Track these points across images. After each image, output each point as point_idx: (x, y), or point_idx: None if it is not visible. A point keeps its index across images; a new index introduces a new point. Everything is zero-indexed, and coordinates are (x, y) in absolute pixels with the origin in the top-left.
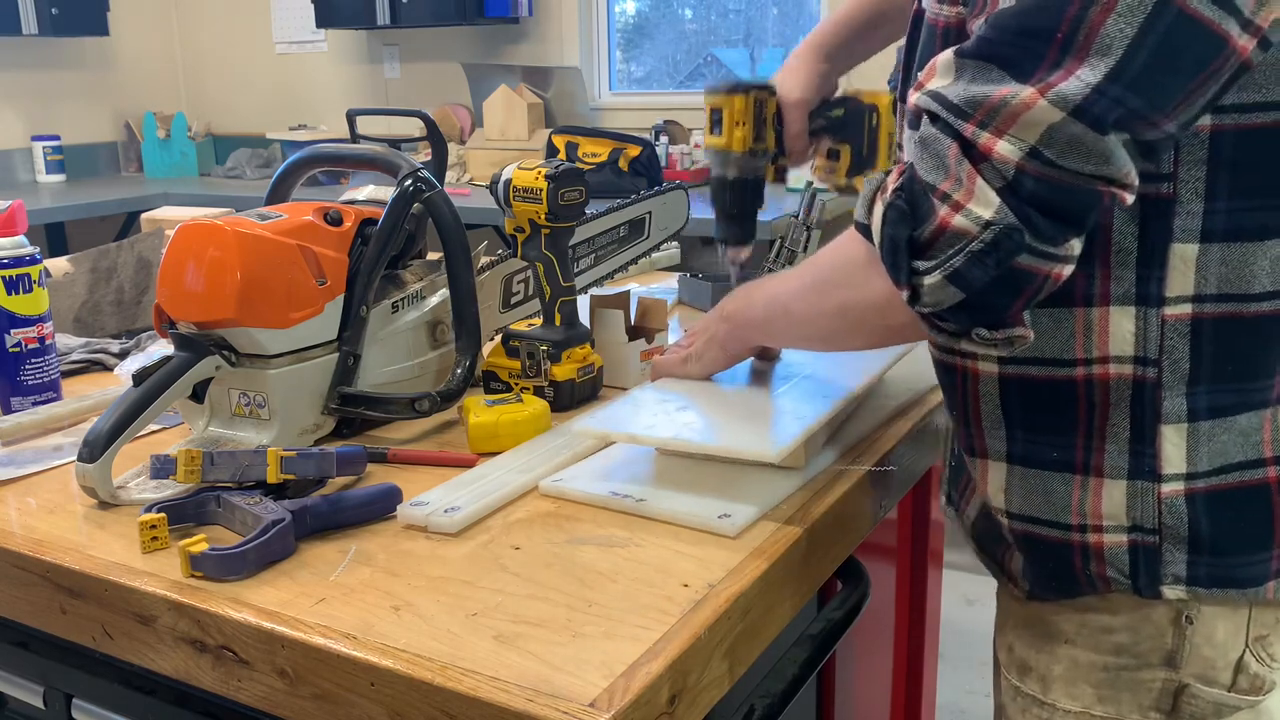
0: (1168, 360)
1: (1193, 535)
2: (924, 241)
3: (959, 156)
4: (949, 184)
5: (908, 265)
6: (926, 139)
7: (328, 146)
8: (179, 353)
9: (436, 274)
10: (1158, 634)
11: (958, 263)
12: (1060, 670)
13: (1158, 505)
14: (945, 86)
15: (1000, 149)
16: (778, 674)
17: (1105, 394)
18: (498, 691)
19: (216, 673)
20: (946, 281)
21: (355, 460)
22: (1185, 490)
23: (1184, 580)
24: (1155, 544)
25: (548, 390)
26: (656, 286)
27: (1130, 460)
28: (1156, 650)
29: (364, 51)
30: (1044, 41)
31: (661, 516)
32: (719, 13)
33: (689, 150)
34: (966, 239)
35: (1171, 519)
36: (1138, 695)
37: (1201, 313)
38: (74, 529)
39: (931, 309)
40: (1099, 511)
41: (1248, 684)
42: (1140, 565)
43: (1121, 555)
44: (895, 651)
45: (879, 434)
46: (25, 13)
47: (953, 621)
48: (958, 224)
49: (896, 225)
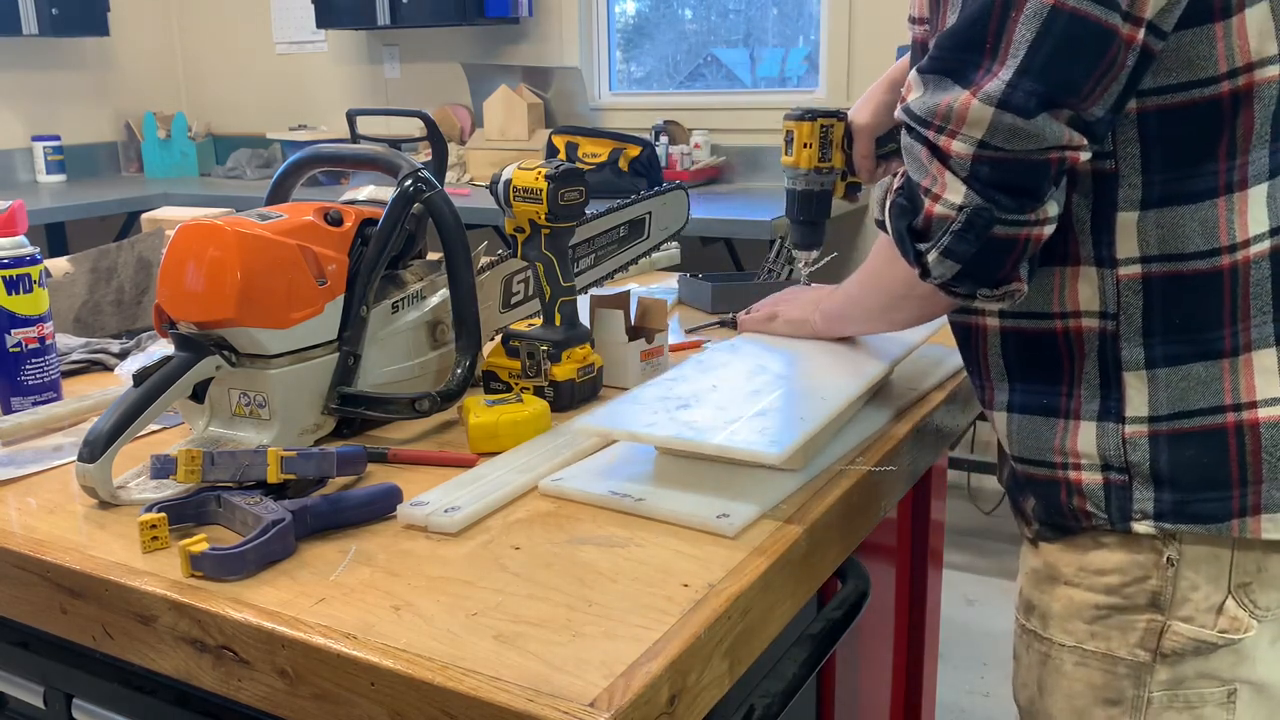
0: (1124, 315)
1: (1154, 472)
2: (919, 228)
3: (929, 157)
4: (928, 180)
5: (913, 249)
6: (908, 146)
7: (328, 146)
8: (179, 353)
9: (436, 274)
10: (1143, 578)
11: (946, 241)
12: (1059, 608)
13: (1123, 444)
14: (913, 100)
15: (956, 147)
16: (778, 674)
17: (1081, 345)
18: (498, 691)
19: (216, 673)
20: (942, 257)
21: (355, 460)
22: (1149, 431)
23: (1151, 515)
24: (1125, 481)
25: (548, 390)
26: (656, 286)
27: (1100, 404)
28: (1143, 593)
29: (364, 51)
30: (977, 52)
31: (661, 516)
32: (719, 13)
33: (689, 150)
34: (948, 222)
35: (1136, 456)
36: (1126, 633)
37: (1149, 272)
38: (74, 529)
39: (940, 280)
40: (1076, 450)
41: (1228, 624)
42: (1112, 500)
43: (1097, 491)
44: (895, 651)
45: (879, 434)
46: (25, 13)
47: (953, 621)
48: (939, 211)
49: (899, 218)
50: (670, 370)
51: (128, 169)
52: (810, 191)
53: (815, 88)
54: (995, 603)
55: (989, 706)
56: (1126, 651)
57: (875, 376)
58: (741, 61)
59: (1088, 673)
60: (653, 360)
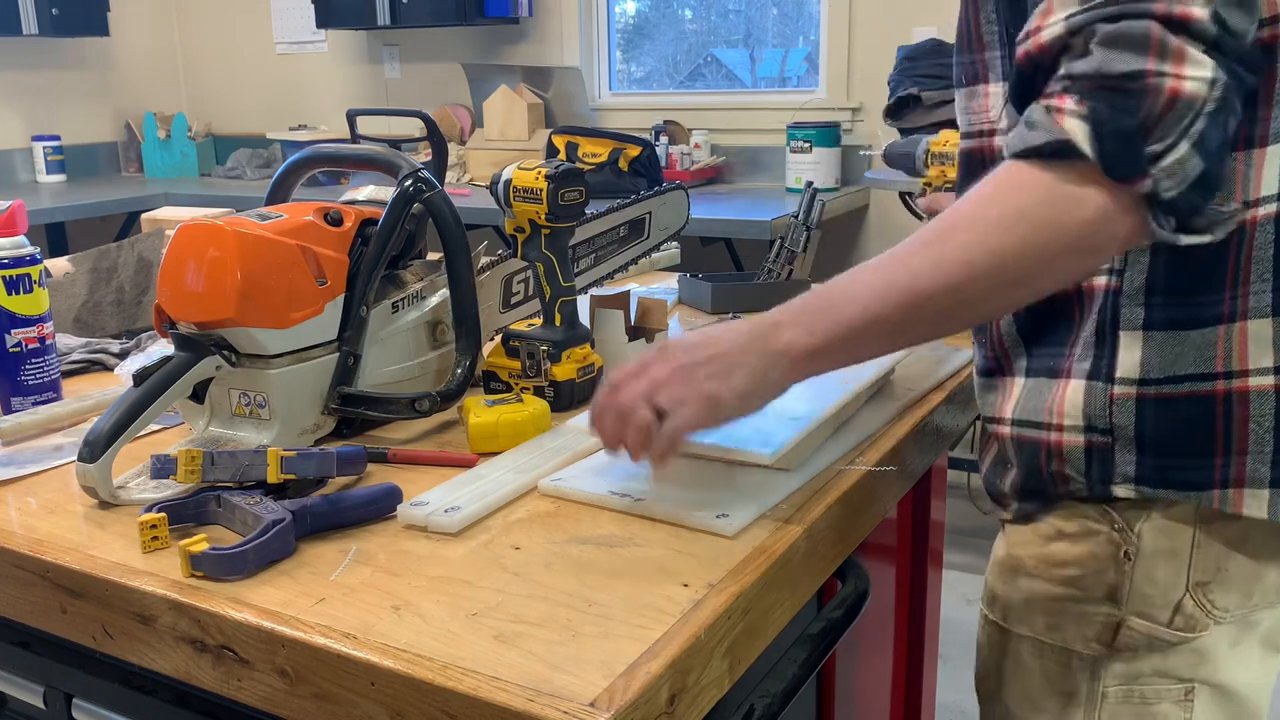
0: (1129, 270)
1: (1139, 435)
2: (1154, 122)
3: (1162, 33)
4: (1154, 62)
5: (1143, 153)
6: (1115, 36)
7: (328, 147)
8: (179, 353)
9: (436, 274)
10: (1101, 570)
11: (1200, 126)
12: (1019, 599)
13: (1109, 405)
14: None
15: (1195, 12)
16: (778, 674)
17: (1091, 302)
18: (498, 691)
19: (216, 672)
20: (1192, 150)
21: (355, 460)
22: (1136, 394)
23: (1132, 479)
24: (1108, 444)
25: (548, 390)
26: (656, 286)
27: (1091, 363)
28: (1101, 585)
29: (364, 51)
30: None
31: (661, 516)
32: (719, 13)
33: (689, 150)
34: (1199, 102)
35: (1121, 419)
36: (1082, 626)
37: None
38: (74, 529)
39: (1174, 190)
40: (1062, 410)
41: (1183, 623)
42: (1093, 464)
43: (1078, 454)
44: (895, 651)
45: (879, 434)
46: (25, 13)
47: (953, 621)
48: (1189, 90)
49: (1116, 119)
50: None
51: (128, 169)
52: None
53: (815, 88)
54: None
55: None
56: (1082, 644)
57: (874, 377)
58: (741, 61)
59: (1044, 664)
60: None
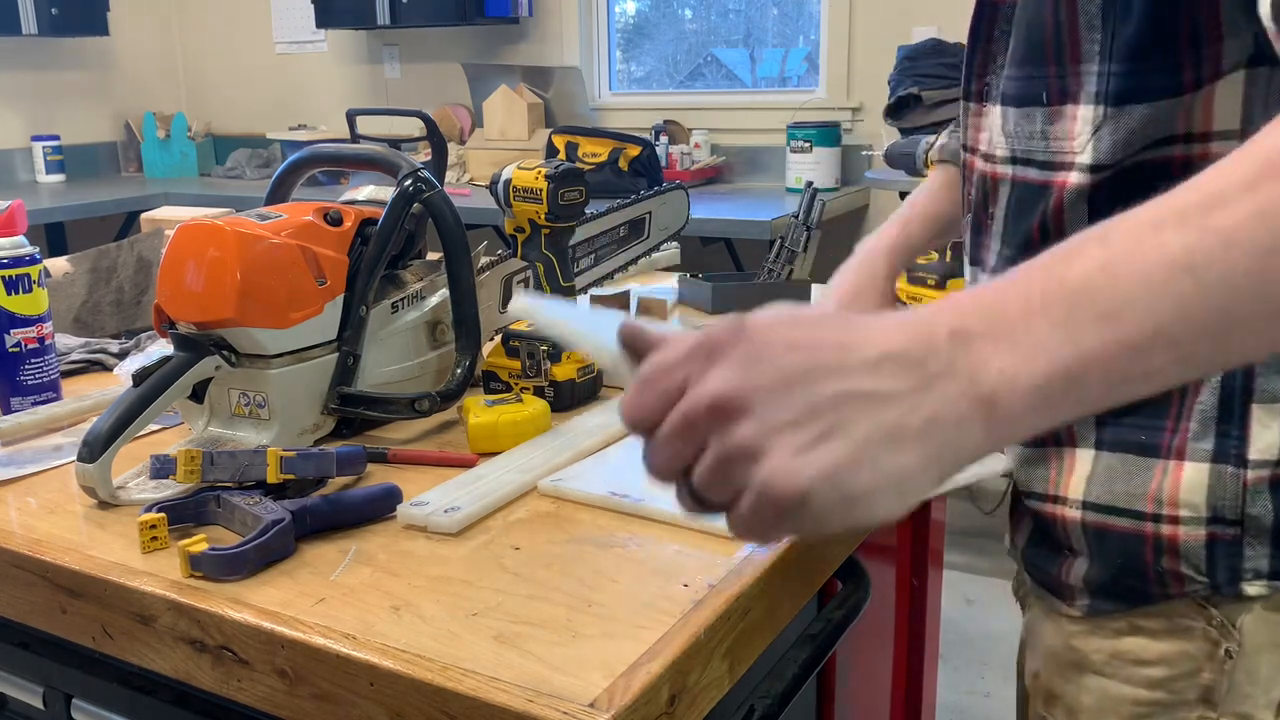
0: None
1: (1277, 525)
2: None
3: None
4: None
5: None
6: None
7: (328, 146)
8: (179, 353)
9: (436, 274)
10: (1195, 669)
11: None
12: (1089, 702)
13: (1242, 492)
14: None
15: None
16: (778, 674)
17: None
18: (498, 691)
19: (216, 673)
20: None
21: (355, 460)
22: (1271, 476)
23: (1266, 575)
24: (1237, 535)
25: (548, 390)
26: (656, 286)
27: (1215, 442)
28: (1194, 687)
29: (364, 51)
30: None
31: (661, 517)
32: (719, 13)
33: (689, 150)
34: None
35: (1256, 509)
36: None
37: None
38: (74, 529)
39: None
40: (1175, 500)
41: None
42: (1219, 559)
43: (1197, 549)
44: (895, 651)
45: None
46: (25, 13)
47: (953, 621)
48: None
49: None
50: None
51: (127, 169)
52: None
53: (815, 88)
54: (995, 603)
55: (989, 707)
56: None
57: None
58: (741, 61)
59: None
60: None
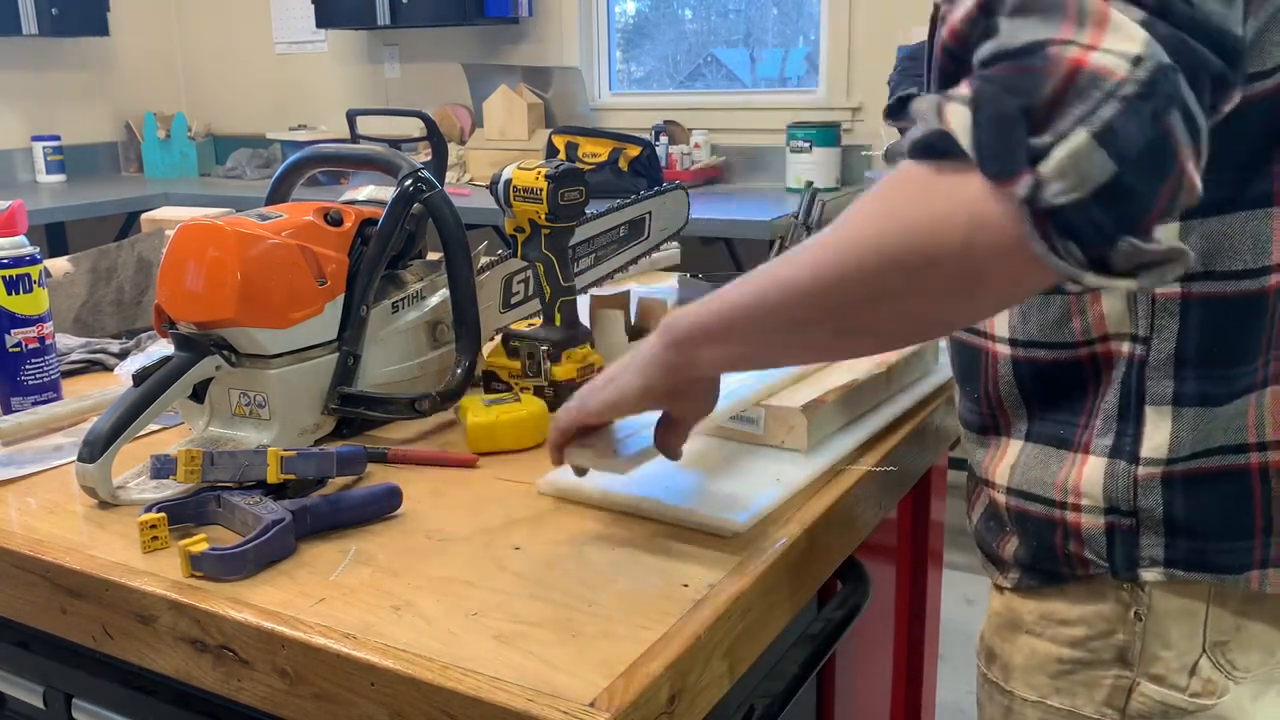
0: (1156, 338)
1: (1168, 518)
2: (1046, 103)
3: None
4: (1068, 29)
5: (1024, 143)
6: (1025, 4)
7: (328, 146)
8: (179, 353)
9: (436, 274)
10: (1110, 630)
11: (1107, 113)
12: (1020, 659)
13: (1133, 486)
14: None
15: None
16: (778, 674)
17: (1109, 372)
18: (498, 691)
19: (216, 673)
20: (1093, 142)
21: (355, 460)
22: (1162, 473)
23: (1162, 562)
24: (1132, 525)
25: (548, 390)
26: (656, 286)
27: (1114, 439)
28: (1110, 647)
29: (364, 51)
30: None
31: (662, 516)
32: (719, 13)
33: (689, 150)
34: (1111, 81)
35: (1148, 501)
36: (1091, 690)
37: (1189, 291)
38: (74, 529)
39: (1066, 196)
40: (1079, 489)
41: (1201, 687)
42: (1116, 546)
43: (1098, 536)
44: (895, 651)
45: (880, 434)
46: (25, 13)
47: (953, 621)
48: (1097, 63)
49: (996, 101)
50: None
51: (128, 169)
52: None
53: (815, 88)
54: None
55: None
56: (1093, 709)
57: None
58: (741, 61)
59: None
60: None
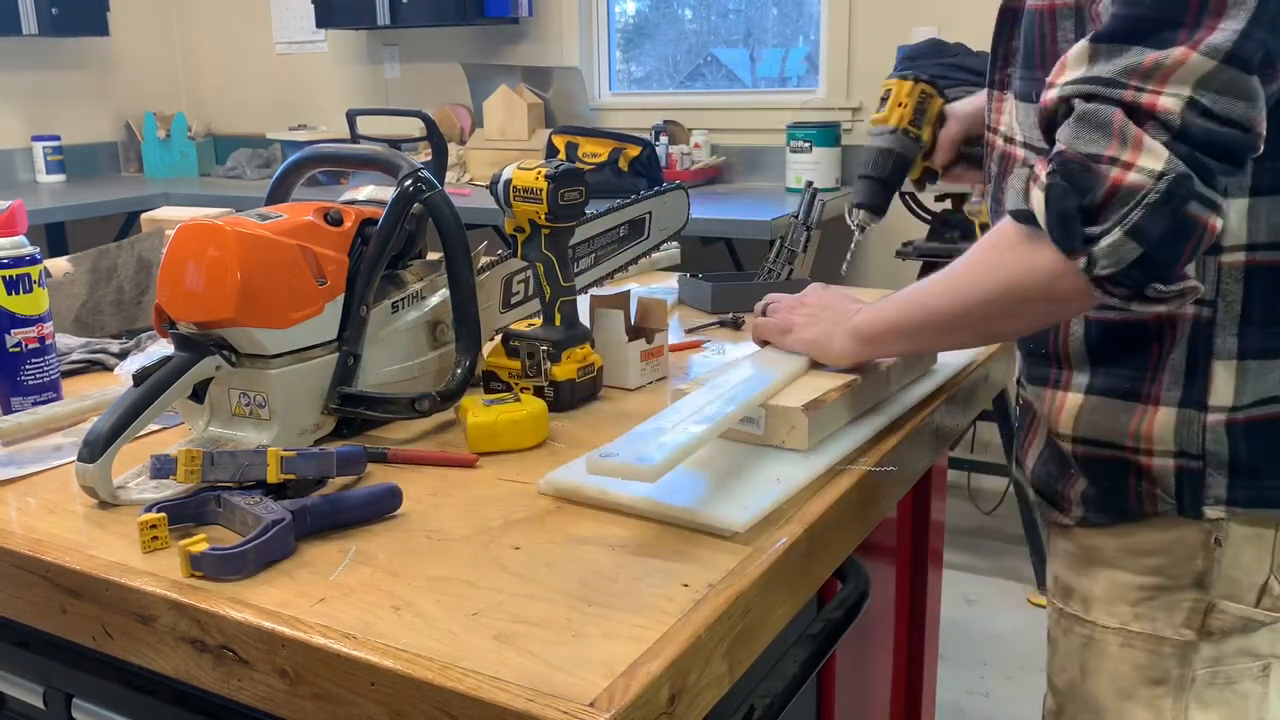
0: (1223, 302)
1: (1232, 460)
2: (1096, 206)
3: (1124, 121)
4: (1114, 148)
5: (1081, 232)
6: (1085, 116)
7: (328, 146)
8: (179, 353)
9: (436, 274)
10: (1189, 557)
11: (1136, 216)
12: (1100, 591)
13: (1202, 432)
14: (1090, 70)
15: (1163, 103)
16: (778, 674)
17: (1173, 332)
18: (498, 691)
19: (216, 673)
20: (1126, 237)
21: (355, 460)
22: (1227, 420)
23: (1224, 501)
24: (1199, 468)
25: (548, 390)
26: (656, 286)
27: (1182, 391)
28: (1188, 573)
29: (364, 51)
30: (1181, 9)
31: (662, 516)
32: (719, 13)
33: (689, 150)
34: (1141, 193)
35: (1214, 445)
36: (1171, 613)
37: (1254, 259)
38: (74, 529)
39: (1110, 269)
40: (1151, 435)
41: (1271, 603)
42: (1185, 486)
43: (1168, 477)
44: (895, 651)
45: (880, 434)
46: (25, 13)
47: (953, 621)
48: (1131, 180)
49: (1063, 199)
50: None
51: (128, 169)
52: (892, 150)
53: (815, 88)
54: (995, 603)
55: (989, 706)
56: (1172, 631)
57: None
58: (741, 61)
59: (1133, 654)
60: (653, 360)
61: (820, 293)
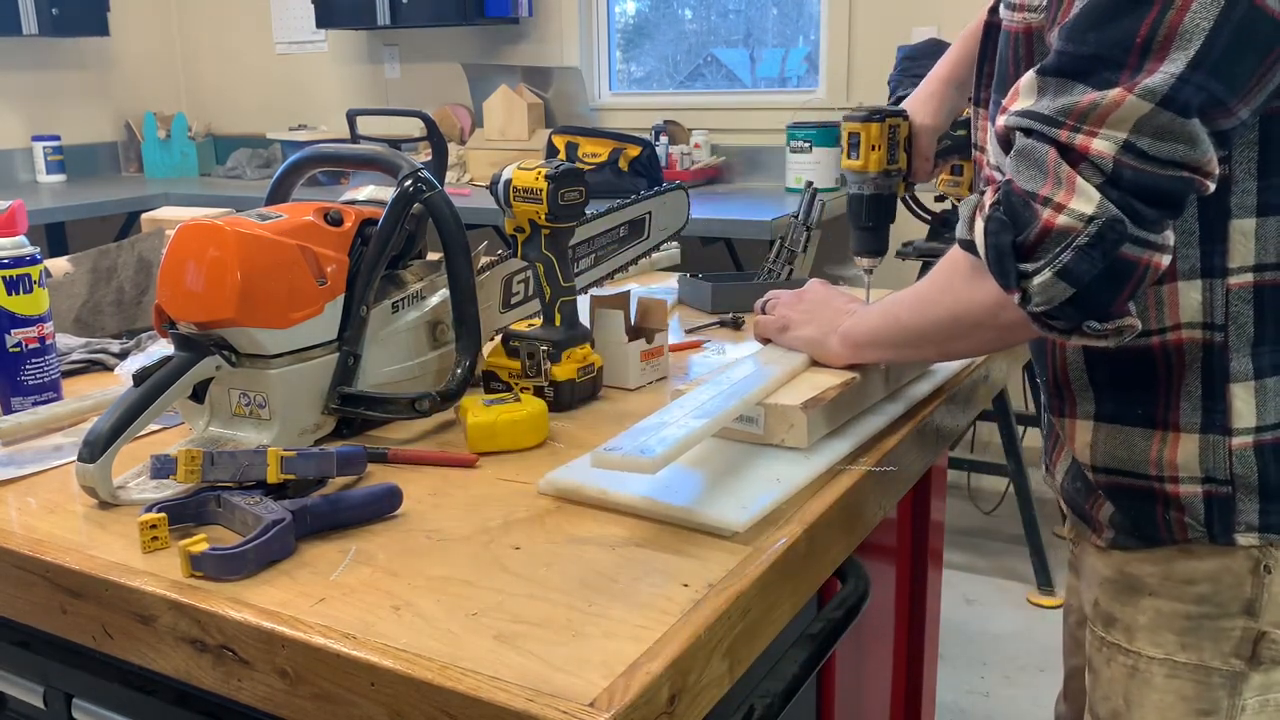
0: (1233, 325)
1: (1263, 484)
2: (1029, 245)
3: (1057, 160)
4: (1048, 188)
5: (1015, 269)
6: (1024, 151)
7: (328, 146)
8: (179, 353)
9: (436, 274)
10: (1237, 584)
11: (1066, 259)
12: (1145, 620)
13: (1229, 457)
14: (1034, 104)
15: (1096, 145)
16: (778, 674)
17: (1181, 358)
18: (498, 691)
19: (216, 673)
20: (1056, 278)
21: (355, 460)
22: (1254, 442)
23: (1257, 527)
24: (1229, 494)
25: (548, 390)
26: (656, 286)
27: (1203, 417)
28: (1236, 599)
29: (364, 51)
30: (1123, 50)
31: (662, 516)
32: (719, 13)
33: (689, 150)
34: (1072, 236)
35: (1242, 469)
36: (1219, 642)
37: (1263, 280)
38: (74, 529)
39: (1043, 307)
40: (1174, 463)
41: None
42: (1215, 514)
43: (1196, 504)
44: (895, 651)
45: (879, 434)
46: (25, 13)
47: (953, 621)
48: (1062, 223)
49: (999, 234)
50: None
51: (128, 169)
52: (879, 196)
53: (815, 87)
54: (995, 603)
55: (989, 706)
56: (1220, 661)
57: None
58: (741, 61)
59: (1180, 684)
60: (653, 360)
61: (820, 290)
